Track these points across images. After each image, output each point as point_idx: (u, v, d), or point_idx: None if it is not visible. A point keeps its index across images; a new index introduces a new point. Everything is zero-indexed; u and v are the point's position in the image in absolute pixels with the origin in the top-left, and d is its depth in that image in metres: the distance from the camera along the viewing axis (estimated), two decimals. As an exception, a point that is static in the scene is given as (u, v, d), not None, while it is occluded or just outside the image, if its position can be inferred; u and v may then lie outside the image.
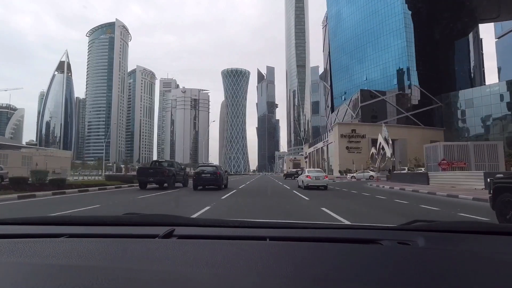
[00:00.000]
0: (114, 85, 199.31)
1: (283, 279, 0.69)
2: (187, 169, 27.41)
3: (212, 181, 16.40)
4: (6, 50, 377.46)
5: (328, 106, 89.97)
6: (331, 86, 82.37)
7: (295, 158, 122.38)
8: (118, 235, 1.07)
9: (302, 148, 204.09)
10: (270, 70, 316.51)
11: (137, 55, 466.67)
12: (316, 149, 78.04)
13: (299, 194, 13.50)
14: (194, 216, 6.91)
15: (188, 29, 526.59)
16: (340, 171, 54.38)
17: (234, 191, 15.46)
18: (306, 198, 11.67)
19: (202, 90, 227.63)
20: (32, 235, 1.06)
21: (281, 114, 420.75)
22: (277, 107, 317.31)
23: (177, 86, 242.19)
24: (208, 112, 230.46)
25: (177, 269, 0.75)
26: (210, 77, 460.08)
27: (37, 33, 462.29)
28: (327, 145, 65.73)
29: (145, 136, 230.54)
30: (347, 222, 5.92)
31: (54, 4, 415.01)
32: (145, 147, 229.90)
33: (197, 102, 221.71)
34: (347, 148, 57.00)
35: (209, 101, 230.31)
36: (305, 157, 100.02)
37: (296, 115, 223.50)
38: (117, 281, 0.67)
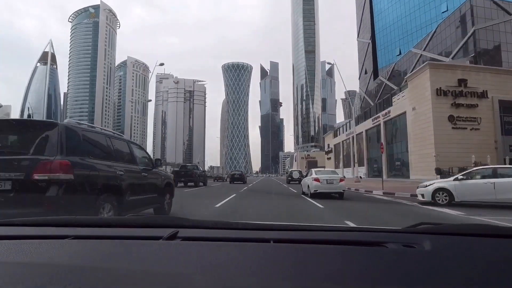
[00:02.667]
0: (99, 74, 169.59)
1: (287, 281, 0.68)
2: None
3: (239, 179, 28.60)
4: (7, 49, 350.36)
5: (365, 72, 58.26)
6: (372, 37, 50.74)
7: (308, 155, 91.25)
8: (122, 237, 1.05)
9: (312, 146, 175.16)
10: (274, 65, 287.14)
11: (138, 57, 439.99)
12: (353, 136, 46.55)
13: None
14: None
15: (191, 31, 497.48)
16: (440, 170, 22.83)
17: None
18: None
19: (198, 80, 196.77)
20: (38, 236, 1.05)
21: (285, 114, 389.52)
22: (281, 105, 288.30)
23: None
24: (205, 106, 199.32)
25: (181, 271, 0.73)
26: (213, 78, 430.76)
27: (39, 33, 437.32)
28: (387, 120, 34.19)
29: (137, 134, 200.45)
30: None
31: (58, 5, 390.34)
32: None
33: (191, 94, 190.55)
34: (451, 119, 25.45)
35: (205, 93, 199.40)
36: (327, 152, 68.33)
37: (304, 110, 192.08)
38: (121, 283, 0.66)
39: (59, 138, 3.59)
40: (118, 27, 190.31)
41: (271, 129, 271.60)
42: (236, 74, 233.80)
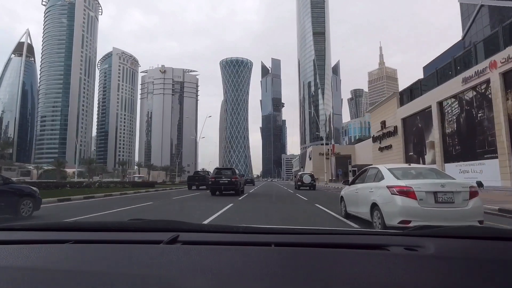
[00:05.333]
0: (74, 64, 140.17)
1: (288, 285, 0.65)
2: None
3: (250, 182, 40.79)
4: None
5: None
6: None
7: (328, 151, 60.69)
8: (123, 241, 1.02)
9: (322, 145, 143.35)
10: (276, 63, 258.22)
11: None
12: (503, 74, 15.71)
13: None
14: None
15: (189, 35, 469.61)
16: None
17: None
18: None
19: (189, 70, 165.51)
20: (38, 241, 1.02)
21: (287, 116, 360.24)
22: (283, 106, 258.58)
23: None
24: (197, 100, 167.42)
25: (182, 275, 0.71)
26: (213, 82, 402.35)
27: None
28: None
29: (125, 134, 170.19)
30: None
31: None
32: (125, 148, 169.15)
33: (181, 86, 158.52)
34: None
35: (197, 85, 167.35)
36: (380, 137, 37.73)
37: (313, 107, 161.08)
38: (121, 287, 0.65)
39: (234, 171, 16.50)
40: (100, 13, 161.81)
41: (273, 131, 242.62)
42: (235, 71, 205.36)
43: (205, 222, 6.85)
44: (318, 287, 0.65)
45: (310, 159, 67.57)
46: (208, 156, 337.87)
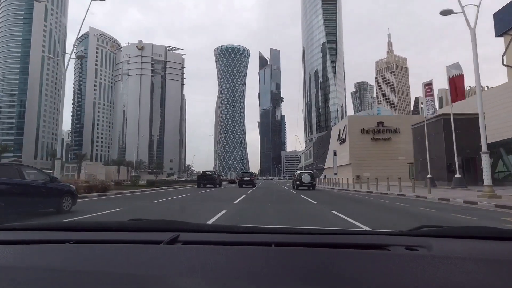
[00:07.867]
0: (34, 39, 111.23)
1: (288, 285, 0.64)
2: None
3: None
4: None
5: None
6: None
7: (379, 128, 32.32)
8: (123, 241, 1.00)
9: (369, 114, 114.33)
10: (275, 53, 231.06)
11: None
12: None
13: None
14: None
15: (187, 33, 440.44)
16: None
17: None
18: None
19: (172, 48, 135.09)
20: (39, 241, 0.99)
21: (286, 113, 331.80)
22: (283, 101, 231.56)
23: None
24: (182, 83, 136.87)
25: (182, 275, 0.68)
26: (214, 83, 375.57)
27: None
28: None
29: (104, 126, 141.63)
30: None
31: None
32: (103, 142, 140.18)
33: (163, 66, 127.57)
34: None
35: (183, 67, 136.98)
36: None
37: (321, 95, 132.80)
38: (121, 287, 0.63)
39: (251, 173, 29.47)
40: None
41: (272, 126, 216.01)
42: (231, 60, 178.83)
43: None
44: (318, 287, 0.63)
45: (344, 141, 39.55)
46: (200, 152, 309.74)
